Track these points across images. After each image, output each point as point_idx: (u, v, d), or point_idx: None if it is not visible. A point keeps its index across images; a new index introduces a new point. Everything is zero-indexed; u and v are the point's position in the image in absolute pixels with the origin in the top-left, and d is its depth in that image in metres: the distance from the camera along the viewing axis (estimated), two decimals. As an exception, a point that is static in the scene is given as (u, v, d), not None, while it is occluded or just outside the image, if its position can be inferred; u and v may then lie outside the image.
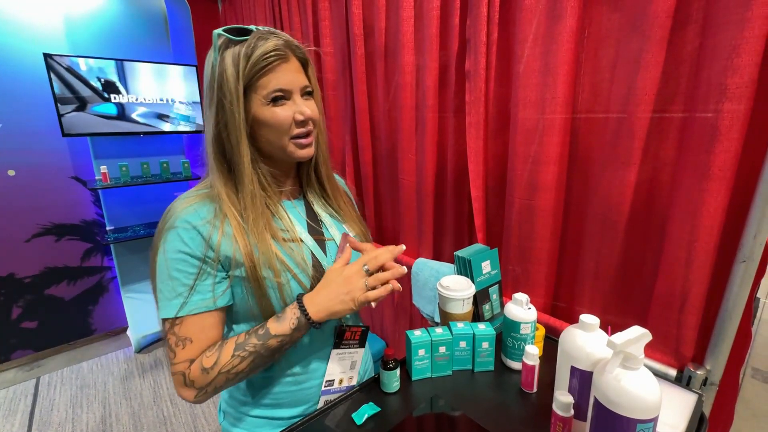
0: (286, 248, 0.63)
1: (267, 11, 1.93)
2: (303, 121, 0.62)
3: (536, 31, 0.88)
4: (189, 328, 0.58)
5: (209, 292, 0.59)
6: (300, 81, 0.62)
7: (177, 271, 0.58)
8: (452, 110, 1.15)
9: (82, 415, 1.92)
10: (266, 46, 0.58)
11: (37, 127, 2.11)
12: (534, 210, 0.97)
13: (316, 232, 0.70)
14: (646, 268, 0.83)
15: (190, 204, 0.60)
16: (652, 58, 0.74)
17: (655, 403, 0.46)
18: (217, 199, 0.61)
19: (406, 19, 1.18)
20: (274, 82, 0.59)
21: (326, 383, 0.71)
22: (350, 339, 0.71)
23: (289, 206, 0.70)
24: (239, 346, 0.59)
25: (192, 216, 0.59)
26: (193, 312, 0.58)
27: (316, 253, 0.68)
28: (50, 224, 2.25)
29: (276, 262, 0.61)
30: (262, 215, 0.62)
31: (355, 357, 0.74)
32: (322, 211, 0.73)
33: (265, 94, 0.59)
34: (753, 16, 0.61)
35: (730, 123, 0.65)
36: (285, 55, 0.60)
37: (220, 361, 0.58)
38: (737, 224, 0.69)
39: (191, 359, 0.58)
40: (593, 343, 0.56)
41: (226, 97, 0.58)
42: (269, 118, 0.60)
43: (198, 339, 0.59)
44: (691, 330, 0.76)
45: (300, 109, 0.61)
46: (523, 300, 0.75)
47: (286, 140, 0.62)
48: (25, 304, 2.24)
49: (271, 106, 0.60)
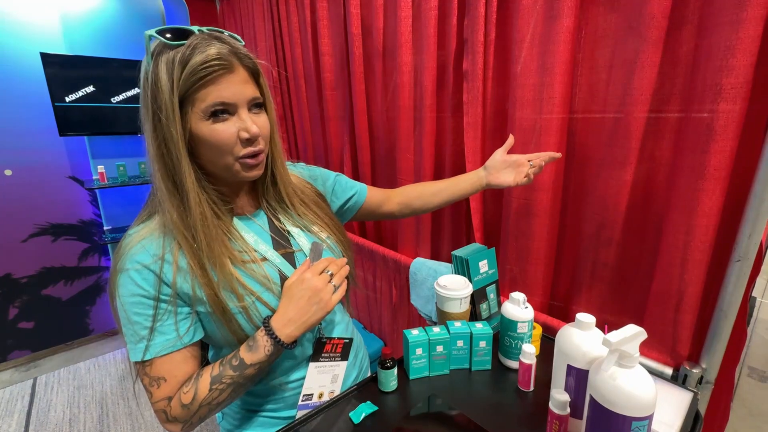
0: (246, 269, 0.60)
1: (265, 11, 1.93)
2: (249, 139, 0.55)
3: (533, 31, 0.88)
4: (160, 368, 0.56)
5: (173, 331, 0.56)
6: (247, 93, 0.55)
7: (135, 314, 0.55)
8: (450, 110, 1.15)
9: (80, 415, 1.91)
10: (206, 53, 0.51)
11: (34, 127, 2.10)
12: (531, 209, 0.97)
13: (282, 246, 0.66)
14: (643, 268, 0.84)
15: (139, 241, 0.56)
16: (648, 58, 0.74)
17: (650, 401, 0.46)
18: (166, 226, 0.57)
19: (404, 18, 1.19)
20: (215, 95, 0.52)
21: (304, 397, 0.68)
22: (331, 351, 0.69)
23: (247, 222, 0.65)
24: (215, 379, 0.57)
25: (141, 255, 0.55)
26: (159, 354, 0.55)
27: (283, 268, 0.64)
28: (47, 224, 2.24)
29: (237, 286, 0.57)
30: (215, 238, 0.57)
31: (336, 370, 0.71)
32: (286, 222, 0.69)
33: (203, 107, 0.52)
34: (747, 17, 0.61)
35: (726, 123, 0.65)
36: (228, 64, 0.52)
37: (198, 395, 0.56)
38: (732, 224, 0.70)
39: (169, 396, 0.56)
40: (589, 341, 0.56)
41: (161, 111, 0.51)
42: (208, 136, 0.53)
43: (171, 377, 0.56)
44: (686, 329, 0.77)
45: (245, 126, 0.54)
46: (520, 299, 0.76)
47: (231, 160, 0.56)
48: (21, 305, 2.23)
49: (211, 122, 0.53)
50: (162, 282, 0.55)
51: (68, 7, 2.10)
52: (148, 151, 0.55)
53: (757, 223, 0.66)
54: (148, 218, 0.60)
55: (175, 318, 0.56)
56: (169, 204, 0.55)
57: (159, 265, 0.55)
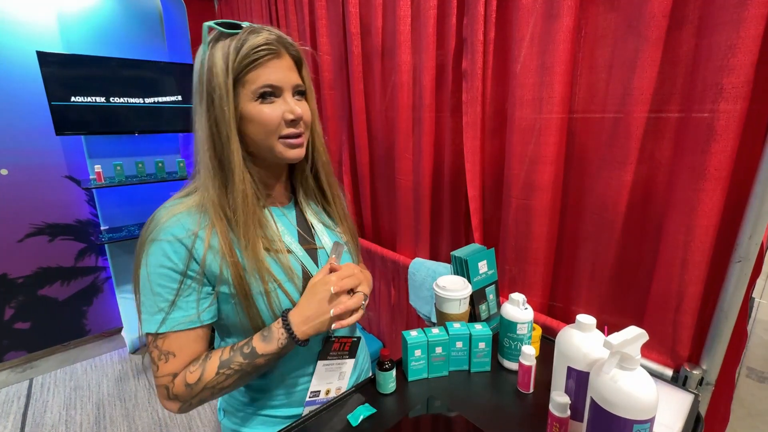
0: (273, 257, 0.61)
1: (263, 9, 1.92)
2: (293, 120, 0.59)
3: (533, 30, 0.88)
4: (172, 343, 0.57)
5: (193, 308, 0.57)
6: (292, 79, 0.60)
7: (159, 286, 0.56)
8: (449, 110, 1.15)
9: (76, 416, 1.90)
10: (257, 39, 0.56)
11: (30, 126, 2.09)
12: (531, 210, 0.96)
13: (307, 242, 0.68)
14: (643, 268, 0.83)
15: (175, 214, 0.57)
16: (648, 57, 0.74)
17: (652, 404, 0.46)
18: (204, 204, 0.58)
19: (402, 18, 1.18)
20: (264, 78, 0.57)
21: (311, 394, 0.69)
22: (339, 350, 0.69)
23: (278, 213, 0.67)
24: (224, 364, 0.57)
25: (176, 228, 0.56)
26: (175, 328, 0.57)
27: (306, 263, 0.66)
28: (43, 224, 2.23)
29: (264, 273, 0.59)
30: (252, 218, 0.59)
31: (344, 368, 0.71)
32: (314, 219, 0.71)
33: (253, 89, 0.56)
34: (748, 16, 0.61)
35: (726, 123, 0.65)
36: (276, 51, 0.57)
37: (204, 377, 0.57)
38: (733, 224, 0.69)
39: (174, 373, 0.57)
40: (590, 343, 0.55)
41: (215, 92, 0.55)
42: (256, 116, 0.57)
43: (181, 354, 0.57)
44: (687, 330, 0.76)
45: (290, 108, 0.59)
46: (520, 300, 0.75)
47: (274, 140, 0.59)
48: (17, 305, 2.21)
49: (259, 102, 0.57)
50: (192, 258, 0.56)
51: (65, 5, 2.09)
52: (197, 135, 0.59)
53: (757, 223, 0.66)
54: (186, 196, 0.61)
55: (198, 296, 0.58)
56: (212, 183, 0.58)
57: (192, 240, 0.56)
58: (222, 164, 0.58)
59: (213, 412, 1.92)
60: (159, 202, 0.60)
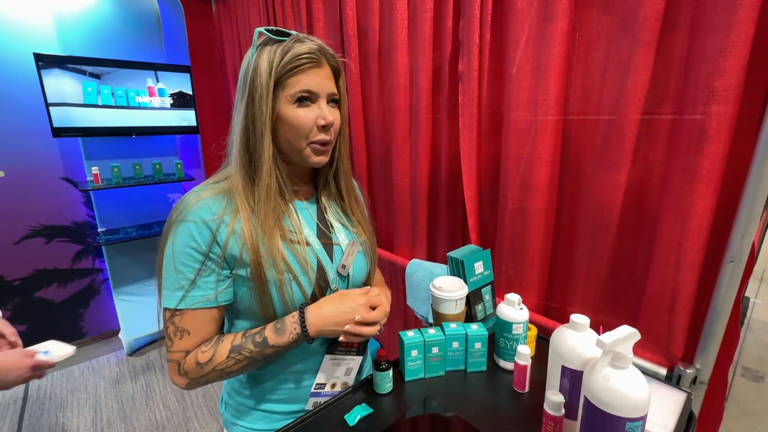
0: (291, 248, 0.64)
1: (261, 12, 1.92)
2: (324, 126, 0.63)
3: (528, 33, 0.89)
4: (188, 320, 0.60)
5: (211, 289, 0.61)
6: (328, 87, 0.63)
7: (182, 264, 0.59)
8: (446, 112, 1.16)
9: (73, 419, 1.89)
10: (301, 48, 0.60)
11: (27, 128, 2.08)
12: (527, 211, 0.97)
13: (325, 236, 0.71)
14: (637, 269, 0.84)
15: (203, 198, 0.61)
16: (641, 60, 0.75)
17: (644, 402, 0.46)
18: (231, 192, 0.62)
19: (399, 20, 1.19)
20: (303, 83, 0.60)
21: (316, 386, 0.71)
22: (347, 346, 0.70)
23: (301, 207, 0.70)
24: (235, 348, 0.61)
25: (203, 211, 0.60)
26: (192, 306, 0.60)
27: (321, 257, 0.68)
28: (40, 226, 2.22)
29: (279, 261, 0.61)
30: (274, 211, 0.63)
31: (351, 364, 0.73)
32: (333, 217, 0.73)
33: (292, 93, 0.60)
34: (739, 20, 0.62)
35: (718, 125, 0.66)
36: (318, 60, 0.61)
37: (215, 359, 0.60)
38: (725, 225, 0.70)
39: (187, 350, 0.61)
40: (584, 342, 0.56)
41: (257, 91, 0.59)
42: (292, 118, 0.61)
43: (195, 332, 0.61)
44: (680, 329, 0.77)
45: (323, 114, 0.62)
46: (515, 300, 0.76)
47: (304, 143, 0.63)
48: (14, 307, 2.20)
49: (296, 106, 0.61)
50: (215, 241, 0.60)
51: (62, 7, 2.09)
52: (234, 128, 0.63)
53: (749, 224, 0.67)
54: (215, 183, 0.65)
55: (217, 278, 0.61)
56: (240, 174, 0.62)
57: (217, 224, 0.60)
58: (252, 158, 0.62)
59: (210, 414, 1.92)
60: (156, 204, 0.61)
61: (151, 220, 2.50)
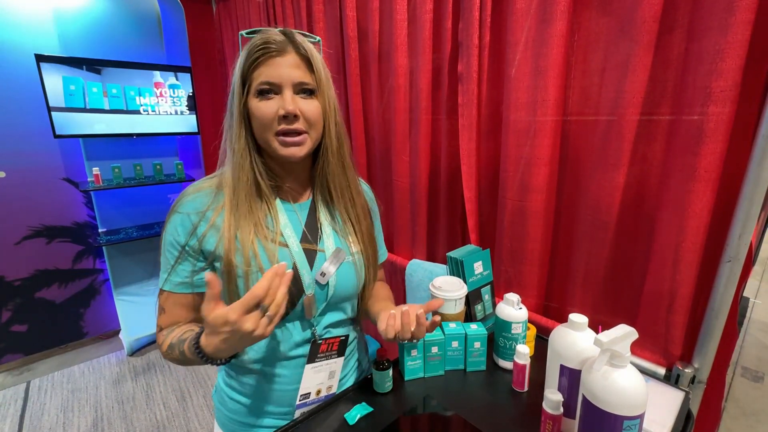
0: (265, 245, 0.63)
1: (261, 13, 1.93)
2: (285, 116, 0.59)
3: (527, 34, 0.89)
4: (167, 300, 0.66)
5: (186, 276, 0.64)
6: (293, 76, 0.60)
7: (167, 251, 0.64)
8: (445, 112, 1.16)
9: (74, 419, 1.90)
10: (262, 37, 0.59)
11: (28, 128, 2.08)
12: (526, 211, 0.98)
13: (309, 241, 0.68)
14: (635, 268, 0.84)
15: (195, 192, 0.65)
16: (639, 61, 0.75)
17: (641, 400, 0.47)
18: (222, 186, 0.65)
19: (399, 22, 1.19)
20: (264, 75, 0.59)
21: (301, 397, 0.69)
22: (327, 350, 0.69)
23: (288, 209, 0.69)
24: (172, 346, 0.62)
25: (189, 205, 0.64)
26: (171, 290, 0.65)
27: (299, 261, 0.65)
28: (41, 226, 2.22)
29: (249, 253, 0.62)
30: (248, 205, 0.63)
31: (333, 367, 0.71)
32: (325, 221, 0.70)
33: (254, 86, 0.60)
34: (736, 21, 0.62)
35: (716, 125, 0.66)
36: (279, 49, 0.59)
37: (163, 347, 0.64)
38: (723, 225, 0.71)
39: (161, 326, 0.67)
40: (582, 341, 0.56)
41: (231, 88, 0.62)
42: (254, 110, 0.61)
43: (169, 312, 0.66)
44: (679, 329, 0.78)
45: (283, 103, 0.59)
46: (514, 300, 0.76)
47: (270, 135, 0.61)
48: (14, 308, 2.21)
49: (259, 99, 0.60)
50: (194, 234, 0.63)
51: (63, 8, 2.09)
52: (224, 121, 0.65)
53: (746, 224, 0.67)
54: (212, 177, 0.68)
55: (192, 267, 0.64)
56: (228, 167, 0.65)
57: (198, 218, 0.63)
58: (233, 152, 0.63)
59: (210, 414, 1.92)
60: (157, 205, 0.63)
61: (151, 220, 2.51)
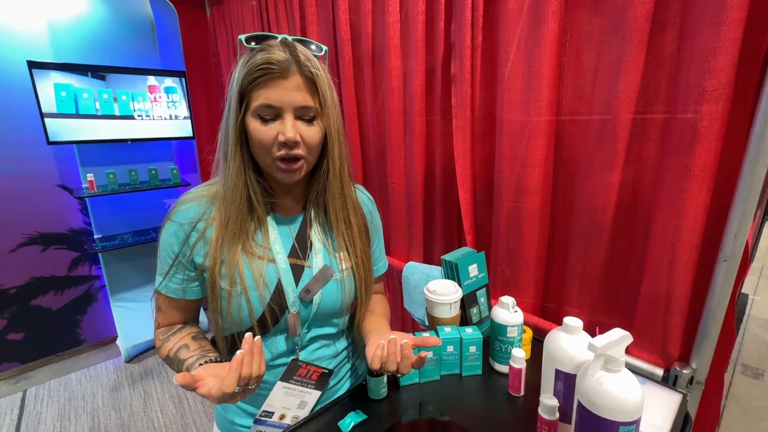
0: (250, 262, 0.64)
1: (255, 16, 1.92)
2: (284, 143, 0.57)
3: (519, 35, 0.89)
4: (162, 300, 0.68)
5: (178, 283, 0.66)
6: (296, 100, 0.57)
7: (162, 257, 0.66)
8: (439, 114, 1.15)
9: (70, 427, 1.88)
10: (260, 57, 0.55)
11: (22, 135, 2.07)
12: (521, 212, 0.97)
13: (296, 256, 0.67)
14: (632, 269, 0.84)
15: (188, 201, 0.65)
16: (632, 60, 0.75)
17: (637, 405, 0.46)
18: (216, 196, 0.64)
19: (392, 23, 1.19)
20: (264, 97, 0.56)
21: (263, 413, 0.66)
22: (305, 377, 0.67)
23: (281, 222, 0.68)
24: (167, 359, 0.65)
25: (183, 214, 0.63)
26: (165, 293, 0.66)
27: (284, 277, 0.65)
28: (36, 233, 2.21)
29: (234, 273, 0.62)
30: (239, 222, 0.63)
31: (306, 398, 0.68)
32: (317, 236, 0.69)
33: (254, 106, 0.57)
34: (728, 19, 0.62)
35: (709, 124, 0.66)
36: (282, 71, 0.56)
37: (160, 352, 0.67)
38: (718, 224, 0.70)
39: (159, 323, 0.70)
40: (577, 345, 0.56)
41: (228, 102, 0.60)
42: (253, 133, 0.58)
43: (166, 312, 0.69)
44: (676, 329, 0.77)
45: (283, 129, 0.57)
46: (509, 303, 0.75)
47: (269, 160, 0.60)
48: (10, 316, 2.19)
49: (259, 122, 0.58)
50: (186, 243, 0.63)
51: (55, 14, 2.08)
52: (220, 131, 0.63)
53: (742, 223, 0.66)
54: (207, 186, 0.67)
55: (183, 276, 0.65)
56: (221, 180, 0.64)
57: (189, 229, 0.63)
58: (227, 164, 0.62)
59: (208, 420, 1.91)
60: (152, 210, 0.63)
61: (147, 226, 2.50)
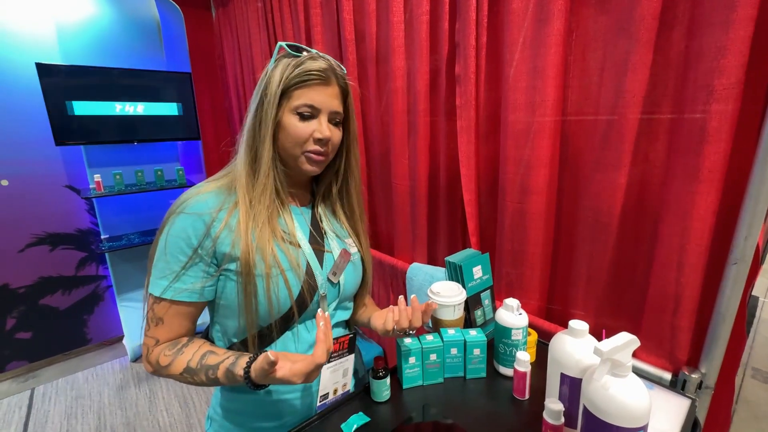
0: (282, 247, 0.65)
1: (260, 18, 1.93)
2: (320, 139, 0.65)
3: (525, 34, 0.88)
4: (166, 310, 0.62)
5: (194, 284, 0.62)
6: (332, 105, 0.66)
7: (172, 255, 0.61)
8: (444, 114, 1.15)
9: (77, 426, 1.90)
10: (313, 64, 0.63)
11: (30, 137, 2.10)
12: (526, 213, 0.96)
13: (317, 242, 0.73)
14: (639, 271, 0.83)
15: (202, 193, 0.64)
16: (639, 60, 0.73)
17: (644, 411, 0.45)
18: (233, 187, 0.65)
19: (396, 24, 1.18)
20: (307, 97, 0.63)
21: (321, 398, 0.69)
22: (339, 350, 0.69)
23: (296, 212, 0.73)
24: (188, 370, 0.61)
25: (200, 205, 0.62)
26: (173, 298, 0.61)
27: (311, 261, 0.69)
28: (44, 234, 2.23)
29: (269, 256, 0.63)
30: (268, 209, 0.65)
31: (346, 364, 0.72)
32: (327, 224, 0.76)
33: (295, 104, 0.63)
34: (738, 18, 0.60)
35: (719, 124, 0.65)
36: (326, 78, 0.65)
37: (171, 369, 0.62)
38: (728, 226, 0.69)
39: (158, 339, 0.63)
40: (582, 349, 0.55)
41: (266, 97, 0.63)
42: (290, 127, 0.64)
43: (169, 323, 0.63)
44: (685, 333, 0.76)
45: (320, 128, 0.65)
46: (514, 305, 0.74)
47: (299, 152, 0.65)
48: (19, 315, 2.22)
49: (297, 118, 0.64)
50: (207, 235, 0.61)
51: (63, 16, 2.11)
52: (244, 127, 0.67)
53: (753, 224, 0.65)
54: (217, 179, 0.68)
55: (202, 273, 0.62)
56: (244, 169, 0.65)
57: (211, 218, 0.62)
58: (255, 157, 0.65)
59: (214, 420, 1.91)
60: (159, 210, 0.63)
61: (153, 226, 2.52)
